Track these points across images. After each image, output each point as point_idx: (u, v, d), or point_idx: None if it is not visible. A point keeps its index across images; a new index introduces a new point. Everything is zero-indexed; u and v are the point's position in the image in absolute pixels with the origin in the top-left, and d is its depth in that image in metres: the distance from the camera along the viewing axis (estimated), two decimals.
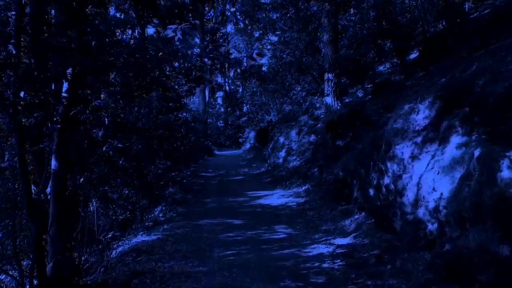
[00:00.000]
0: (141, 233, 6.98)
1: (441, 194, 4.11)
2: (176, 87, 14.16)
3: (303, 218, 7.55)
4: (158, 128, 11.60)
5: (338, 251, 5.31)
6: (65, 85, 4.87)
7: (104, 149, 4.58)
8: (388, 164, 5.49)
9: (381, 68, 12.75)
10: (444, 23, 9.24)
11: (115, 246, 6.86)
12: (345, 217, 6.85)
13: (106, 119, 4.62)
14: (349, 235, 6.01)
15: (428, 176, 4.48)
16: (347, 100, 12.51)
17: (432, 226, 4.28)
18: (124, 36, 21.24)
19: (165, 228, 7.00)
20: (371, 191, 6.22)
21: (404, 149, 5.19)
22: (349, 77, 9.73)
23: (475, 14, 9.72)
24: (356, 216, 6.66)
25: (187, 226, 7.06)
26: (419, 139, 5.02)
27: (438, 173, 4.33)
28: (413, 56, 10.85)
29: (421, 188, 4.57)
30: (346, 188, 7.54)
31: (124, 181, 10.28)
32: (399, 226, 4.99)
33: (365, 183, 6.66)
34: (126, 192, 8.70)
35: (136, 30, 19.74)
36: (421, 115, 5.31)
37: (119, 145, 4.54)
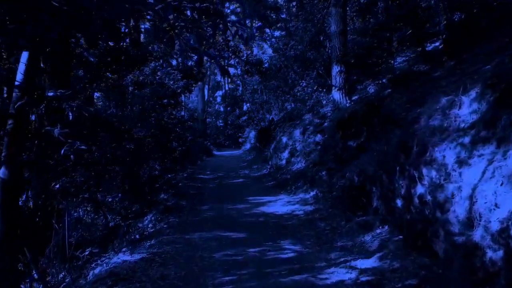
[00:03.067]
0: (124, 249, 5.93)
1: (511, 212, 3.07)
2: (171, 82, 13.14)
3: (313, 230, 6.51)
4: (151, 127, 10.58)
5: (362, 279, 4.27)
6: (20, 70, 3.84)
7: (62, 152, 3.57)
8: (424, 170, 4.45)
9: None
10: (459, 14, 8.21)
11: (93, 265, 5.83)
12: (364, 231, 5.80)
13: (70, 114, 3.60)
14: (372, 255, 4.96)
15: (486, 187, 3.45)
16: (355, 97, 11.50)
17: (494, 254, 3.24)
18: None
19: (152, 244, 5.96)
20: (399, 202, 5.18)
21: (446, 152, 4.15)
22: (362, 69, 8.69)
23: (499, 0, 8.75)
24: (378, 231, 5.62)
25: (178, 241, 6.02)
26: (466, 139, 3.99)
27: (501, 184, 3.29)
28: (429, 47, 9.84)
29: (475, 202, 3.53)
30: (364, 196, 6.50)
31: (112, 185, 9.31)
32: (443, 249, 3.95)
33: (389, 192, 5.62)
34: (110, 199, 7.66)
35: (131, 24, 18.68)
36: (466, 109, 4.29)
37: (82, 146, 3.53)
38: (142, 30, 21.17)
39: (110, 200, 7.75)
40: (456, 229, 3.74)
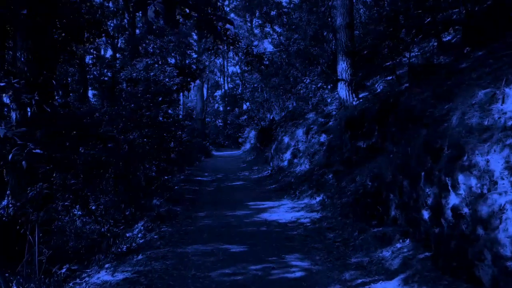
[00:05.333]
0: (107, 265, 5.20)
1: None
2: (167, 79, 12.40)
3: (322, 242, 5.78)
4: (143, 126, 9.85)
5: None
6: None
7: (10, 157, 2.84)
8: (460, 177, 3.72)
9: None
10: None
11: (71, 284, 5.10)
12: (381, 245, 5.07)
13: (29, 109, 2.86)
14: (394, 275, 4.23)
15: None
16: (363, 95, 10.80)
17: None
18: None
19: (139, 259, 5.22)
20: (425, 213, 4.45)
21: (490, 156, 3.42)
22: (371, 64, 7.94)
23: None
24: (399, 245, 4.89)
25: (169, 256, 5.28)
26: None
27: None
28: (444, 39, 9.11)
29: None
30: (379, 204, 5.78)
31: (104, 189, 8.63)
32: (489, 275, 3.21)
33: (411, 200, 4.90)
34: (93, 207, 6.92)
35: (126, 20, 17.98)
36: None
37: (37, 150, 2.80)
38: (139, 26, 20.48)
39: (93, 208, 6.99)
40: (509, 252, 3.01)
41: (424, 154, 4.49)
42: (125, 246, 6.09)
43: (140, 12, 20.14)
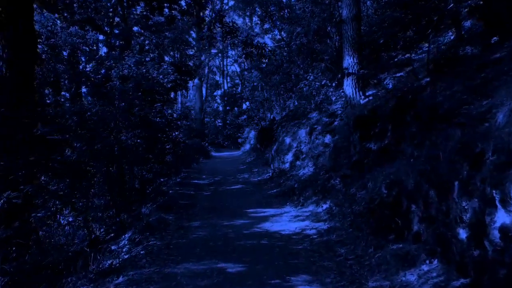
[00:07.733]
0: None
1: None
2: (161, 77, 11.65)
3: (332, 260, 5.03)
4: (134, 125, 9.09)
5: None
6: None
7: None
8: None
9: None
10: None
11: None
12: (404, 266, 4.32)
13: None
14: None
15: None
16: (370, 92, 10.06)
17: None
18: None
19: (118, 283, 4.46)
20: (461, 231, 3.68)
21: None
22: (379, 58, 7.18)
23: None
24: (425, 268, 4.13)
25: (154, 278, 4.52)
26: None
27: None
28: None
29: None
30: (398, 216, 5.02)
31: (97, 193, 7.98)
32: None
33: (439, 214, 4.14)
34: (70, 219, 6.17)
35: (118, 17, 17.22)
36: None
37: None
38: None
39: (71, 220, 6.24)
40: None
41: (459, 159, 3.74)
42: (107, 263, 5.35)
43: (137, 8, 19.37)
